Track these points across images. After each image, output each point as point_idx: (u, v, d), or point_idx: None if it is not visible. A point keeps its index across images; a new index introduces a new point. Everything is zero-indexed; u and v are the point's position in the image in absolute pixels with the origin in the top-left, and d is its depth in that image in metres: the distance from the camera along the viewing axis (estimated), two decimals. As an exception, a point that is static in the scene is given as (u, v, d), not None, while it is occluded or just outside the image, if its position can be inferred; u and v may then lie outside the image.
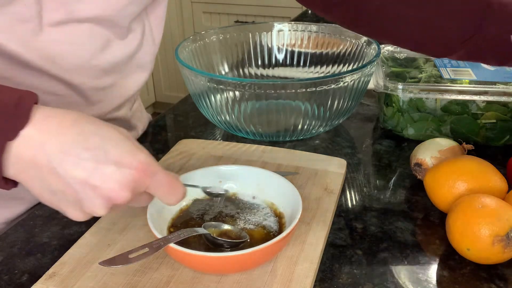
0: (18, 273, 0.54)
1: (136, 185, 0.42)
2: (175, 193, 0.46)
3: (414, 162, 0.66)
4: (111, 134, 0.42)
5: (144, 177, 0.42)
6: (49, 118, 0.41)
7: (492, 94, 0.72)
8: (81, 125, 0.42)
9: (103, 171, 0.41)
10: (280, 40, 0.93)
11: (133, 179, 0.42)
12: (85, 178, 0.40)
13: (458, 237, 0.52)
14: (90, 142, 0.41)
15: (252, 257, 0.47)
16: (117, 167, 0.41)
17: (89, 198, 0.41)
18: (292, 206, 0.53)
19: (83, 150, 0.41)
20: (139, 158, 0.42)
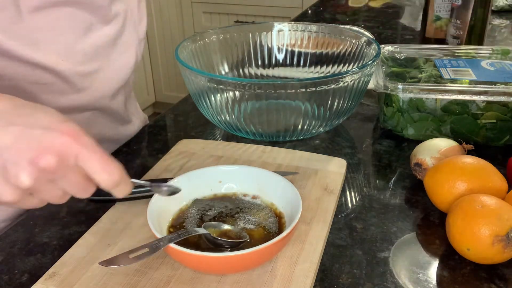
0: (18, 273, 0.54)
1: (63, 150, 0.39)
2: (108, 170, 0.41)
3: (414, 162, 0.66)
4: (45, 108, 0.42)
5: (73, 143, 0.40)
6: None
7: (492, 94, 0.72)
8: (17, 100, 0.42)
9: (30, 135, 0.39)
10: (280, 40, 0.93)
11: (60, 142, 0.39)
12: (11, 142, 0.39)
13: (458, 237, 0.52)
14: (22, 110, 0.41)
15: (252, 257, 0.47)
16: (45, 130, 0.40)
17: (14, 163, 0.39)
18: (292, 206, 0.53)
19: (14, 116, 0.40)
20: (70, 124, 0.41)
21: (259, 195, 0.58)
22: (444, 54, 0.89)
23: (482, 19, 1.06)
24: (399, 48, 0.90)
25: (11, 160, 0.39)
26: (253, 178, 0.58)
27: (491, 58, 0.85)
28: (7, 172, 0.39)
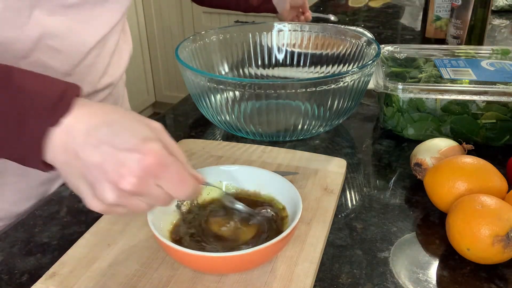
0: (18, 273, 0.54)
1: (145, 173, 0.42)
2: (182, 188, 0.45)
3: (414, 162, 0.66)
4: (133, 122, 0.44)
5: (153, 166, 0.42)
6: (83, 107, 0.45)
7: (492, 94, 0.72)
8: (107, 114, 0.45)
9: (117, 157, 0.42)
10: (280, 40, 0.93)
11: (142, 166, 0.42)
12: (100, 162, 0.42)
13: (458, 237, 0.52)
14: (111, 129, 0.43)
15: (252, 257, 0.47)
16: (130, 153, 0.42)
17: (100, 182, 0.42)
18: (292, 206, 0.53)
19: (103, 135, 0.43)
20: (152, 146, 0.43)
21: (259, 195, 0.58)
22: (444, 54, 0.89)
23: (482, 19, 1.06)
24: (399, 48, 0.90)
25: (98, 178, 0.42)
26: (253, 178, 0.58)
27: (491, 58, 0.85)
28: (95, 188, 0.43)
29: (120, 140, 0.42)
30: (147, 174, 0.42)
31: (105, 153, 0.42)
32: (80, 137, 0.43)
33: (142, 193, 0.43)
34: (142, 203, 0.45)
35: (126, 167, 0.42)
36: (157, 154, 0.42)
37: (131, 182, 0.42)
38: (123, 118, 0.45)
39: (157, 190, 0.44)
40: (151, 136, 0.44)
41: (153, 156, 0.42)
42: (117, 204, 0.43)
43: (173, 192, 0.44)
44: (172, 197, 0.45)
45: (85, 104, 0.45)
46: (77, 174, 0.44)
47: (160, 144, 0.43)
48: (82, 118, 0.44)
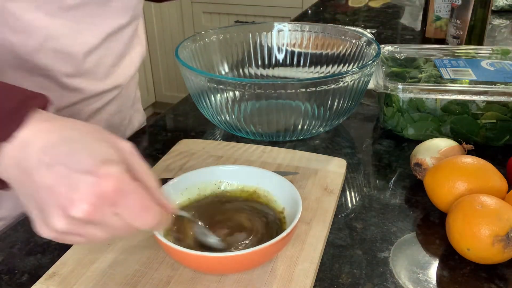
0: (18, 273, 0.54)
1: (99, 199, 0.37)
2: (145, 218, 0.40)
3: (414, 162, 0.66)
4: (94, 141, 0.40)
5: (111, 192, 0.38)
6: (42, 122, 0.41)
7: (492, 94, 0.72)
8: (67, 131, 0.41)
9: (70, 179, 0.38)
10: (280, 40, 0.93)
11: (96, 191, 0.37)
12: (52, 185, 0.38)
13: (458, 237, 0.52)
14: (69, 147, 0.39)
15: (252, 257, 0.47)
16: (85, 176, 0.37)
17: (50, 205, 0.38)
18: (292, 206, 0.53)
19: (59, 154, 0.39)
20: (111, 169, 0.38)
21: (259, 195, 0.58)
22: (444, 54, 0.89)
23: (482, 19, 1.06)
24: (399, 48, 0.90)
25: (48, 202, 0.38)
26: (253, 178, 0.58)
27: (491, 58, 0.85)
28: (44, 212, 0.39)
29: (76, 161, 0.38)
30: (101, 200, 0.38)
31: (58, 175, 0.38)
32: (34, 155, 0.39)
33: (96, 222, 0.39)
34: (98, 232, 0.40)
35: (78, 191, 0.37)
36: (115, 178, 0.38)
37: (82, 209, 0.37)
38: (85, 135, 0.41)
39: (114, 219, 0.39)
40: (112, 158, 0.39)
41: (109, 180, 0.37)
42: (69, 232, 0.39)
43: (133, 221, 0.40)
44: (133, 227, 0.41)
45: (45, 118, 0.41)
46: (29, 194, 0.40)
47: (121, 167, 0.39)
48: (39, 134, 0.40)
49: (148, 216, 0.40)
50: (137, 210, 0.39)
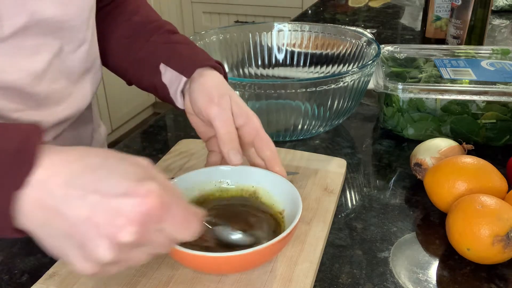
0: (18, 273, 0.54)
1: (147, 218, 0.36)
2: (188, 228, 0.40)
3: (414, 162, 0.66)
4: (119, 165, 0.38)
5: (154, 209, 0.36)
6: (52, 156, 0.37)
7: (492, 94, 0.72)
8: (86, 159, 0.38)
9: (109, 206, 0.35)
10: (280, 40, 0.93)
11: (143, 210, 0.36)
12: (89, 216, 0.35)
13: (458, 237, 0.52)
14: (96, 175, 0.37)
15: (252, 258, 0.47)
16: (124, 199, 0.35)
17: (92, 238, 0.35)
18: (292, 207, 0.53)
19: (88, 183, 0.36)
20: (149, 187, 0.36)
21: (258, 195, 0.58)
22: (444, 54, 0.89)
23: (482, 19, 1.06)
24: (399, 48, 0.90)
25: (89, 235, 0.35)
26: (253, 178, 0.58)
27: (491, 58, 0.85)
28: (86, 247, 0.36)
29: (110, 186, 0.36)
30: (149, 219, 0.36)
31: (94, 204, 0.35)
32: (58, 191, 0.36)
33: (144, 243, 0.37)
34: (142, 253, 0.38)
35: (122, 215, 0.35)
36: (157, 194, 0.36)
37: (131, 232, 0.35)
38: (106, 160, 0.38)
39: (159, 236, 0.38)
40: (144, 174, 0.38)
41: (153, 197, 0.36)
42: (115, 262, 0.37)
43: (178, 234, 0.39)
44: (175, 241, 0.40)
45: (54, 150, 0.38)
46: (60, 234, 0.36)
47: (157, 181, 0.37)
48: (57, 168, 0.37)
49: (191, 226, 0.40)
50: (181, 222, 0.39)
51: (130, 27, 0.69)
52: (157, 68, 0.63)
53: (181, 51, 0.64)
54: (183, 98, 0.61)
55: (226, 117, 0.54)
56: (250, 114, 0.57)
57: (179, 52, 0.63)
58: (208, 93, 0.56)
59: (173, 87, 0.62)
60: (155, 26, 0.68)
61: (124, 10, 0.71)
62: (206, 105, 0.55)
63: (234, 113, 0.56)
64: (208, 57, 0.63)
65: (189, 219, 0.40)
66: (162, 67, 0.63)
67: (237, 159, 0.53)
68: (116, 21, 0.70)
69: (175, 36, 0.68)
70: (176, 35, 0.68)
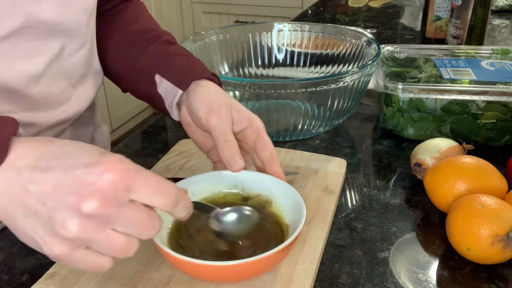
0: (18, 273, 0.54)
1: (110, 187, 0.34)
2: (164, 190, 0.37)
3: (414, 162, 0.66)
4: (84, 145, 0.38)
5: (120, 177, 0.35)
6: (21, 145, 0.38)
7: (492, 94, 0.72)
8: (54, 141, 0.38)
9: (72, 177, 0.35)
10: (280, 40, 0.93)
11: (105, 179, 0.34)
12: (52, 189, 0.35)
13: (458, 237, 0.52)
14: (61, 151, 0.37)
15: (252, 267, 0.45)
16: (87, 168, 0.35)
17: (57, 209, 0.35)
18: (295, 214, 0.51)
19: (53, 159, 0.36)
20: (112, 156, 0.36)
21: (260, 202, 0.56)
22: (444, 54, 0.89)
23: (482, 19, 1.06)
24: (399, 48, 0.90)
25: (55, 208, 0.35)
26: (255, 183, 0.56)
27: (491, 58, 0.85)
28: (51, 221, 0.35)
29: (74, 159, 0.36)
30: (115, 187, 0.35)
31: (59, 177, 0.35)
32: (25, 170, 0.36)
33: (114, 216, 0.35)
34: (118, 235, 0.36)
35: (86, 185, 0.34)
36: (120, 163, 0.35)
37: (95, 200, 0.34)
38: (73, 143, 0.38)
39: (133, 209, 0.36)
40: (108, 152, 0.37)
41: (118, 164, 0.35)
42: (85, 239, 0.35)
43: (154, 198, 0.37)
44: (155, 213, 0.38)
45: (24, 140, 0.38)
46: (27, 213, 0.36)
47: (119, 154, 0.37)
48: (25, 152, 0.37)
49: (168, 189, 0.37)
50: (155, 186, 0.36)
51: (128, 35, 0.68)
52: (153, 78, 0.63)
53: (178, 62, 0.63)
54: (179, 110, 0.61)
55: (225, 127, 0.54)
56: (253, 117, 0.56)
57: (175, 64, 0.63)
58: (208, 103, 0.56)
59: (168, 99, 0.62)
60: (154, 35, 0.68)
61: (124, 17, 0.71)
62: (206, 115, 0.54)
63: (235, 120, 0.55)
64: (204, 69, 0.63)
65: (164, 185, 0.37)
66: (158, 78, 0.62)
67: (238, 164, 0.52)
68: (115, 28, 0.70)
69: (172, 47, 0.67)
70: (173, 46, 0.67)
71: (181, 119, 0.60)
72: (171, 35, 0.70)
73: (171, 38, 0.69)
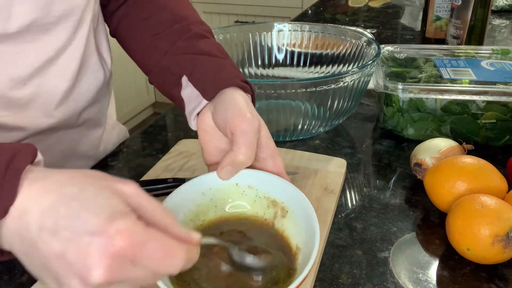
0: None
1: (115, 259, 0.34)
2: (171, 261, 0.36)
3: (414, 162, 0.66)
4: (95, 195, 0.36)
5: (126, 249, 0.34)
6: (34, 183, 0.37)
7: (492, 94, 0.72)
8: (64, 188, 0.36)
9: (79, 243, 0.34)
10: (280, 40, 0.93)
11: (110, 252, 0.34)
12: (61, 253, 0.34)
13: (458, 237, 0.52)
14: (69, 208, 0.35)
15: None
16: (94, 237, 0.34)
17: (65, 276, 0.35)
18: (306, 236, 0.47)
19: (60, 218, 0.35)
20: (120, 225, 0.34)
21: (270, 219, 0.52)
22: (444, 54, 0.89)
23: (482, 19, 1.06)
24: (399, 48, 0.90)
25: (63, 272, 0.35)
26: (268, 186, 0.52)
27: (491, 58, 0.85)
28: (60, 283, 0.35)
29: (82, 222, 0.34)
30: (118, 260, 0.34)
31: (65, 240, 0.34)
32: (34, 224, 0.35)
33: (121, 280, 0.35)
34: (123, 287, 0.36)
35: (91, 256, 0.34)
36: (127, 234, 0.34)
37: (99, 275, 0.33)
38: (84, 189, 0.36)
39: (138, 272, 0.36)
40: (119, 209, 0.35)
41: (122, 237, 0.34)
42: None
43: (160, 269, 0.36)
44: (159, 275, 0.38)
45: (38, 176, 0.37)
46: (39, 265, 0.36)
47: (130, 218, 0.35)
48: (36, 197, 0.36)
49: (174, 260, 0.36)
50: (161, 258, 0.35)
51: (154, 24, 0.64)
52: (178, 79, 0.58)
53: (206, 65, 0.58)
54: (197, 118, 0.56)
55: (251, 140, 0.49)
56: (276, 151, 0.52)
57: (203, 67, 0.57)
58: (239, 108, 0.51)
59: (190, 105, 0.57)
60: (182, 27, 0.62)
61: (152, 4, 0.66)
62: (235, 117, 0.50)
63: (260, 145, 0.51)
64: (235, 74, 0.57)
65: (173, 253, 0.36)
66: (184, 81, 0.58)
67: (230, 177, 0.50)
68: (142, 15, 0.65)
69: (202, 42, 0.61)
70: (203, 41, 0.61)
71: (199, 123, 0.55)
72: (203, 25, 0.64)
73: (201, 30, 0.63)
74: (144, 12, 0.65)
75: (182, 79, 0.58)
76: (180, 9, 0.65)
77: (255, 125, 0.50)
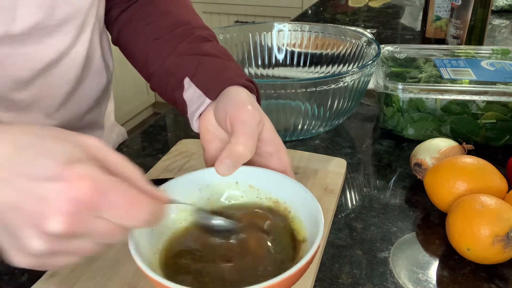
0: (18, 273, 0.54)
1: (76, 206, 0.32)
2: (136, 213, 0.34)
3: (414, 162, 0.66)
4: (54, 144, 0.34)
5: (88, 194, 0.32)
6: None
7: (492, 94, 0.72)
8: (21, 137, 0.34)
9: (36, 191, 0.32)
10: (280, 40, 0.93)
11: (70, 197, 0.31)
12: (16, 203, 0.32)
13: (458, 237, 0.52)
14: (24, 155, 0.33)
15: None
16: (51, 183, 0.32)
17: (21, 227, 0.32)
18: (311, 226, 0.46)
19: (15, 166, 0.33)
20: (81, 169, 0.32)
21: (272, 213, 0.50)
22: (444, 54, 0.89)
23: (482, 19, 1.06)
24: (399, 48, 0.90)
25: (18, 224, 0.32)
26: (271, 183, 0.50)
27: (491, 58, 0.85)
28: (16, 237, 0.33)
29: (38, 169, 0.32)
30: (78, 207, 0.32)
31: (21, 190, 0.32)
32: None
33: (80, 233, 0.33)
34: (86, 244, 0.34)
35: (48, 202, 0.31)
36: (88, 178, 0.32)
37: (58, 222, 0.31)
38: (41, 138, 0.34)
39: (100, 224, 0.33)
40: (79, 156, 0.33)
41: (83, 181, 0.32)
42: (51, 253, 0.33)
43: (123, 221, 0.34)
44: (125, 227, 0.35)
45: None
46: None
47: (92, 164, 0.33)
48: None
49: (139, 211, 0.34)
50: (124, 207, 0.33)
51: (157, 30, 0.62)
52: (180, 82, 0.57)
53: (208, 65, 0.56)
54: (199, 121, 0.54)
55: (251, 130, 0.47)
56: (281, 146, 0.50)
57: (204, 67, 0.56)
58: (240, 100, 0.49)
59: (193, 106, 0.55)
60: (184, 31, 0.61)
61: (157, 7, 0.65)
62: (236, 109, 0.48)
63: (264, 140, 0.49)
64: (239, 74, 0.55)
65: (138, 203, 0.34)
66: (187, 82, 0.56)
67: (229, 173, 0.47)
68: (144, 21, 0.64)
69: (205, 45, 0.59)
70: (206, 44, 0.59)
71: (202, 122, 0.54)
72: (206, 29, 0.63)
73: (204, 34, 0.61)
74: (147, 18, 0.64)
75: (184, 80, 0.56)
76: (183, 15, 0.64)
77: (256, 116, 0.48)
